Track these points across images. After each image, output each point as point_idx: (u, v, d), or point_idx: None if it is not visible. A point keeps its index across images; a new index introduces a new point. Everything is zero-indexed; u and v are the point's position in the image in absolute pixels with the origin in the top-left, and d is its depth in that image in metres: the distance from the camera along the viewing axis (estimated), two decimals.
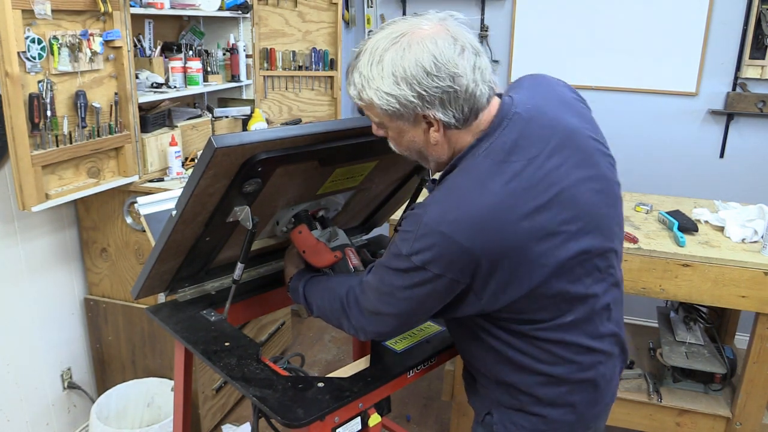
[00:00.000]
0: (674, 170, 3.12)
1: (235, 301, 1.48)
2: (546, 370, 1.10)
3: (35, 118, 1.75)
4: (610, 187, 1.11)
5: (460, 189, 1.00)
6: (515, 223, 0.97)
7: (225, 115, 2.82)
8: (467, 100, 0.99)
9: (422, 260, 0.98)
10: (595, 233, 1.06)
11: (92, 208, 2.28)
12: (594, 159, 1.08)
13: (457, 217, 0.96)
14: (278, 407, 1.12)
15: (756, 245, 1.99)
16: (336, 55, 3.16)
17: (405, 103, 0.98)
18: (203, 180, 1.12)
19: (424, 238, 0.98)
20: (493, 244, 0.96)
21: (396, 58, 0.96)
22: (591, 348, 1.12)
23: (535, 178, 0.99)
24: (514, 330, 1.08)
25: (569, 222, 1.02)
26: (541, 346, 1.09)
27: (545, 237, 0.99)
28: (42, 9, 1.73)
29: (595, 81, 3.16)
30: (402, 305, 1.07)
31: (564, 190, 1.01)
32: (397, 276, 1.04)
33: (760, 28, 2.81)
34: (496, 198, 0.97)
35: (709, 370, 2.15)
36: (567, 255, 1.02)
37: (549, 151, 1.02)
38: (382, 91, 0.98)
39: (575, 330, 1.09)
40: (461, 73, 0.96)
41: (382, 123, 1.06)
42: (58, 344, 2.32)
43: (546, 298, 1.04)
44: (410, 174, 1.65)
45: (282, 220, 1.49)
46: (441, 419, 2.68)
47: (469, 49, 0.98)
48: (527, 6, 3.20)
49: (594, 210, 1.06)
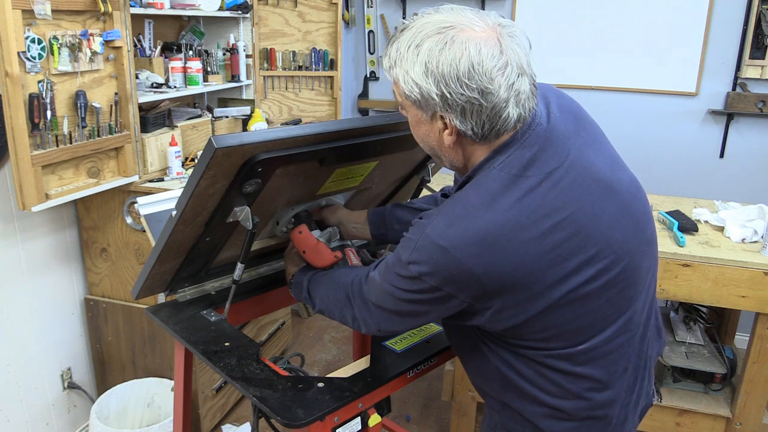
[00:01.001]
0: (674, 170, 3.12)
1: (235, 301, 1.48)
2: (553, 403, 1.04)
3: (35, 118, 1.75)
4: (633, 205, 1.03)
5: (469, 203, 0.95)
6: (524, 243, 0.91)
7: (225, 115, 2.82)
8: (490, 119, 0.92)
9: (418, 271, 0.95)
10: (617, 256, 0.98)
11: (92, 208, 2.28)
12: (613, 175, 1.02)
13: (460, 233, 0.92)
14: (278, 407, 1.12)
15: (756, 245, 1.99)
16: (336, 55, 3.16)
17: (426, 97, 0.93)
18: (203, 180, 1.12)
19: (423, 250, 0.94)
20: (496, 266, 0.91)
21: (434, 48, 0.90)
22: (605, 384, 1.04)
23: (550, 196, 0.93)
24: (523, 354, 1.03)
25: (586, 245, 0.94)
26: (550, 377, 1.02)
27: (557, 260, 0.92)
28: (42, 9, 1.73)
29: (595, 81, 3.16)
30: (401, 306, 1.05)
31: (581, 210, 0.94)
32: (397, 279, 1.01)
33: (760, 28, 2.81)
34: (505, 216, 0.91)
35: (709, 370, 2.15)
36: (582, 280, 0.94)
37: (567, 167, 0.96)
38: (409, 76, 0.94)
39: (589, 363, 1.01)
40: (493, 91, 0.90)
41: (403, 105, 1.01)
42: (58, 344, 2.32)
43: (555, 326, 0.97)
44: (410, 174, 1.65)
45: (282, 220, 1.49)
46: (441, 419, 2.68)
47: (512, 67, 0.90)
48: (527, 6, 3.20)
49: (611, 234, 0.97)
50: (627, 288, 1.01)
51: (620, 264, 0.98)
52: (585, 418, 1.06)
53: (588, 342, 1.00)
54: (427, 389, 2.89)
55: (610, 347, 1.03)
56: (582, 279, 0.94)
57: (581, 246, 0.94)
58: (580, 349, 1.00)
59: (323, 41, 3.16)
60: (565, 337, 0.99)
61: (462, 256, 0.91)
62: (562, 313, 0.96)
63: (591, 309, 0.98)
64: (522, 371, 1.04)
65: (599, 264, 0.95)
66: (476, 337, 1.09)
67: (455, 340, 1.19)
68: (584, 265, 0.94)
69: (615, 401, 1.07)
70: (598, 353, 1.02)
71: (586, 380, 1.03)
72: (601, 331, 1.00)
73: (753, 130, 2.99)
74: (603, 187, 0.98)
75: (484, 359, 1.10)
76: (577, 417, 1.06)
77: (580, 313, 0.97)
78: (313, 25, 3.14)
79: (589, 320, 0.99)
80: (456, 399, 2.35)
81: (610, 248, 0.96)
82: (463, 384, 2.31)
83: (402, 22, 0.98)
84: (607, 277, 0.97)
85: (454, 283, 0.94)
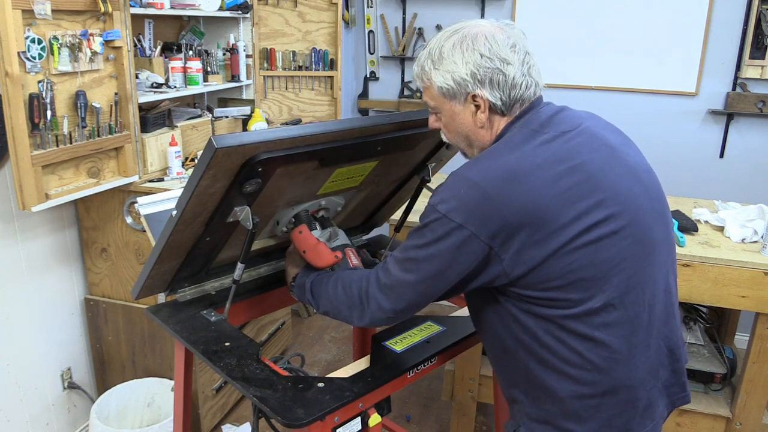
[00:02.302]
0: (674, 170, 3.12)
1: (235, 301, 1.48)
2: (573, 373, 1.07)
3: (35, 118, 1.75)
4: (641, 174, 1.14)
5: (495, 149, 1.10)
6: (541, 181, 1.02)
7: (225, 115, 2.82)
8: (513, 87, 1.10)
9: (446, 208, 1.04)
10: (627, 215, 1.06)
11: (92, 208, 2.28)
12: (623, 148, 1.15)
13: (485, 168, 1.05)
14: (278, 407, 1.12)
15: (756, 245, 1.99)
16: (336, 55, 3.16)
17: (459, 80, 1.10)
18: (203, 180, 1.12)
19: (450, 186, 1.06)
20: (518, 198, 1.01)
21: (456, 42, 1.11)
22: (624, 357, 1.08)
23: (564, 147, 1.07)
24: (542, 316, 1.06)
25: (594, 192, 1.04)
26: (569, 343, 1.06)
27: (570, 200, 1.02)
28: (42, 9, 1.73)
29: (595, 81, 3.16)
30: (424, 268, 1.08)
31: (591, 161, 1.06)
32: (421, 234, 1.08)
33: (760, 28, 2.81)
34: (525, 157, 1.05)
35: (709, 370, 2.15)
36: (592, 222, 1.03)
37: (579, 131, 1.10)
38: (440, 71, 1.12)
39: (606, 329, 1.06)
40: (511, 62, 1.09)
41: (437, 107, 1.17)
42: (58, 344, 2.33)
43: (571, 272, 1.03)
44: (410, 174, 1.66)
45: (282, 220, 1.49)
46: (441, 419, 2.68)
47: (520, 47, 1.11)
48: (527, 6, 3.20)
49: (622, 188, 1.07)
50: (638, 245, 1.08)
51: (627, 215, 1.06)
52: (606, 392, 1.09)
53: (602, 295, 1.05)
54: (427, 389, 2.89)
55: (625, 313, 1.07)
56: (592, 220, 1.03)
57: (590, 190, 1.04)
58: (595, 306, 1.05)
59: (323, 41, 3.17)
60: (581, 286, 1.04)
61: (487, 186, 1.02)
62: (576, 258, 1.03)
63: (604, 257, 1.04)
64: (542, 338, 1.08)
65: (607, 209, 1.04)
66: (498, 306, 1.13)
67: (479, 319, 1.22)
68: (593, 207, 1.04)
69: (638, 382, 1.11)
70: (613, 317, 1.06)
71: (604, 348, 1.07)
72: (614, 284, 1.05)
73: (753, 130, 2.99)
74: (612, 150, 1.12)
75: (507, 331, 1.13)
76: (599, 392, 1.08)
77: (592, 259, 1.04)
78: (313, 25, 3.14)
79: (603, 269, 1.04)
80: (456, 399, 2.35)
81: (617, 198, 1.06)
82: (463, 384, 2.31)
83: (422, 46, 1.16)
84: (615, 225, 1.05)
85: (478, 216, 1.02)
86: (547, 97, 1.19)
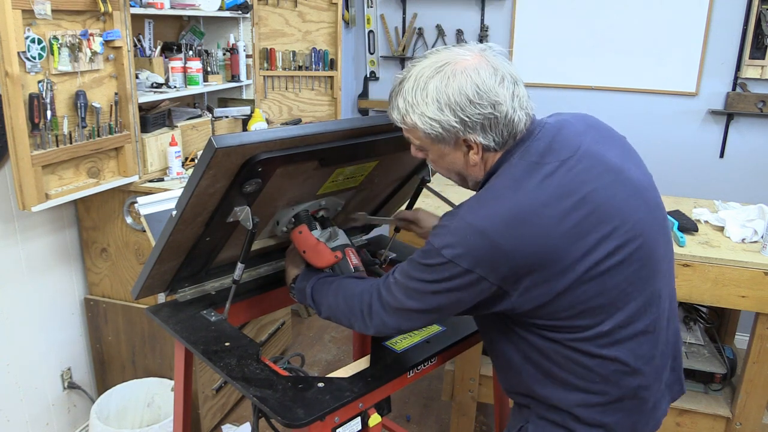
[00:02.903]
0: (674, 170, 3.12)
1: (235, 301, 1.48)
2: (583, 386, 1.08)
3: (35, 118, 1.75)
4: (644, 193, 1.11)
5: (496, 188, 1.05)
6: (549, 220, 0.99)
7: (225, 115, 2.82)
8: (506, 126, 1.05)
9: (452, 254, 1.00)
10: (633, 234, 1.05)
11: (92, 208, 2.28)
12: (624, 165, 1.11)
13: (491, 213, 1.00)
14: (278, 407, 1.12)
15: (756, 245, 1.99)
16: (336, 55, 3.16)
17: (448, 128, 1.04)
18: (203, 180, 1.12)
19: (456, 232, 1.01)
20: (526, 243, 0.98)
21: (440, 85, 1.03)
22: (633, 369, 1.09)
23: (567, 178, 1.03)
24: (551, 339, 1.07)
25: (604, 221, 1.02)
26: (578, 360, 1.07)
27: (578, 236, 1.00)
28: (42, 9, 1.73)
29: (595, 81, 3.16)
30: (429, 301, 1.08)
31: (596, 190, 1.03)
32: (426, 271, 1.05)
33: (760, 28, 2.81)
34: (530, 196, 1.00)
35: (709, 370, 2.15)
36: (601, 255, 1.01)
37: (580, 156, 1.06)
38: (426, 116, 1.04)
39: (614, 346, 1.06)
40: (501, 101, 1.02)
41: (423, 146, 1.12)
42: (58, 344, 2.32)
43: (580, 303, 1.03)
44: (410, 174, 1.65)
45: (282, 220, 1.49)
46: (441, 419, 2.68)
47: (508, 79, 1.04)
48: (527, 6, 3.20)
49: (628, 212, 1.05)
50: (644, 267, 1.07)
51: (636, 242, 1.05)
52: (616, 400, 1.10)
53: (610, 320, 1.05)
54: (427, 389, 2.89)
55: (633, 329, 1.07)
56: (602, 254, 1.01)
57: (599, 222, 1.02)
58: (604, 329, 1.05)
59: (323, 41, 3.17)
60: (590, 314, 1.04)
61: (494, 235, 0.98)
62: (585, 290, 1.02)
63: (612, 286, 1.03)
64: (551, 356, 1.08)
65: (616, 240, 1.03)
66: (506, 327, 1.12)
67: (486, 333, 1.22)
68: (603, 240, 1.02)
69: (647, 388, 1.12)
70: (622, 335, 1.07)
71: (613, 363, 1.07)
72: (622, 309, 1.06)
73: (753, 130, 2.99)
74: (614, 173, 1.07)
75: (515, 348, 1.13)
76: (609, 400, 1.09)
77: (601, 290, 1.03)
78: (313, 25, 3.14)
79: (611, 297, 1.04)
80: (456, 399, 2.35)
81: (625, 226, 1.04)
82: (463, 384, 2.31)
83: (397, 76, 1.10)
84: (624, 254, 1.04)
85: (486, 263, 0.99)
86: (547, 97, 1.18)
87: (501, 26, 3.27)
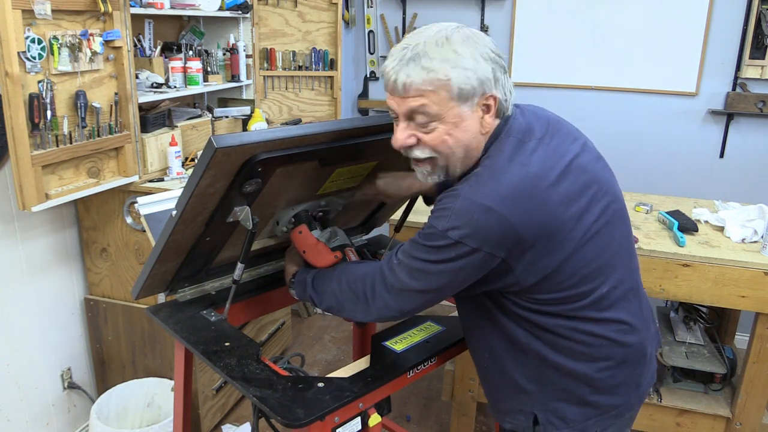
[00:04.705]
0: (674, 170, 3.12)
1: (235, 301, 1.48)
2: (591, 353, 1.13)
3: (35, 118, 1.75)
4: (601, 158, 1.20)
5: (492, 166, 1.06)
6: (546, 191, 1.03)
7: (225, 115, 2.82)
8: (507, 81, 1.10)
9: (459, 235, 1.01)
10: (610, 195, 1.13)
11: (92, 208, 2.28)
12: (580, 137, 1.19)
13: (494, 190, 1.02)
14: (278, 407, 1.12)
15: (756, 245, 1.99)
16: (336, 55, 3.16)
17: (483, 78, 1.03)
18: (203, 180, 1.12)
19: (461, 213, 1.02)
20: (532, 214, 1.01)
21: (467, 40, 1.03)
22: (632, 326, 1.15)
23: (548, 152, 1.08)
24: (554, 312, 1.10)
25: (588, 186, 1.08)
26: (581, 328, 1.11)
27: (571, 202, 1.05)
28: (42, 9, 1.73)
29: (595, 81, 3.16)
30: (434, 280, 1.08)
31: (573, 159, 1.09)
32: (431, 252, 1.06)
33: (760, 28, 2.81)
34: (526, 170, 1.03)
35: (709, 370, 2.15)
36: (593, 218, 1.07)
37: (551, 133, 1.12)
38: (461, 67, 1.01)
39: (612, 307, 1.12)
40: (505, 61, 1.09)
41: (438, 114, 1.04)
42: (58, 344, 2.32)
43: (580, 268, 1.07)
44: None
45: (282, 220, 1.49)
46: (441, 419, 2.68)
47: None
48: (527, 6, 3.20)
49: (600, 175, 1.13)
50: (623, 225, 1.17)
51: (615, 202, 1.14)
52: (623, 360, 1.16)
53: (608, 281, 1.11)
54: (427, 389, 2.89)
55: (624, 288, 1.15)
56: (594, 215, 1.08)
57: (585, 187, 1.08)
58: (603, 291, 1.10)
59: (323, 41, 3.17)
60: (590, 279, 1.09)
61: (501, 209, 1.00)
62: (584, 254, 1.06)
63: (603, 246, 1.09)
64: (555, 330, 1.12)
65: (602, 201, 1.10)
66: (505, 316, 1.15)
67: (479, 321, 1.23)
68: (592, 202, 1.08)
69: (644, 340, 1.20)
70: (617, 295, 1.13)
71: (613, 323, 1.13)
72: (617, 267, 1.13)
73: (753, 130, 2.99)
74: (579, 144, 1.15)
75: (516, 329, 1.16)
76: (616, 363, 1.15)
77: (598, 252, 1.08)
78: (313, 25, 3.14)
79: (606, 257, 1.10)
80: (456, 399, 2.35)
81: (604, 187, 1.12)
82: (463, 384, 2.31)
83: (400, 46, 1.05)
84: (609, 214, 1.11)
85: (494, 239, 1.01)
86: (547, 97, 1.20)
87: (501, 26, 3.27)
